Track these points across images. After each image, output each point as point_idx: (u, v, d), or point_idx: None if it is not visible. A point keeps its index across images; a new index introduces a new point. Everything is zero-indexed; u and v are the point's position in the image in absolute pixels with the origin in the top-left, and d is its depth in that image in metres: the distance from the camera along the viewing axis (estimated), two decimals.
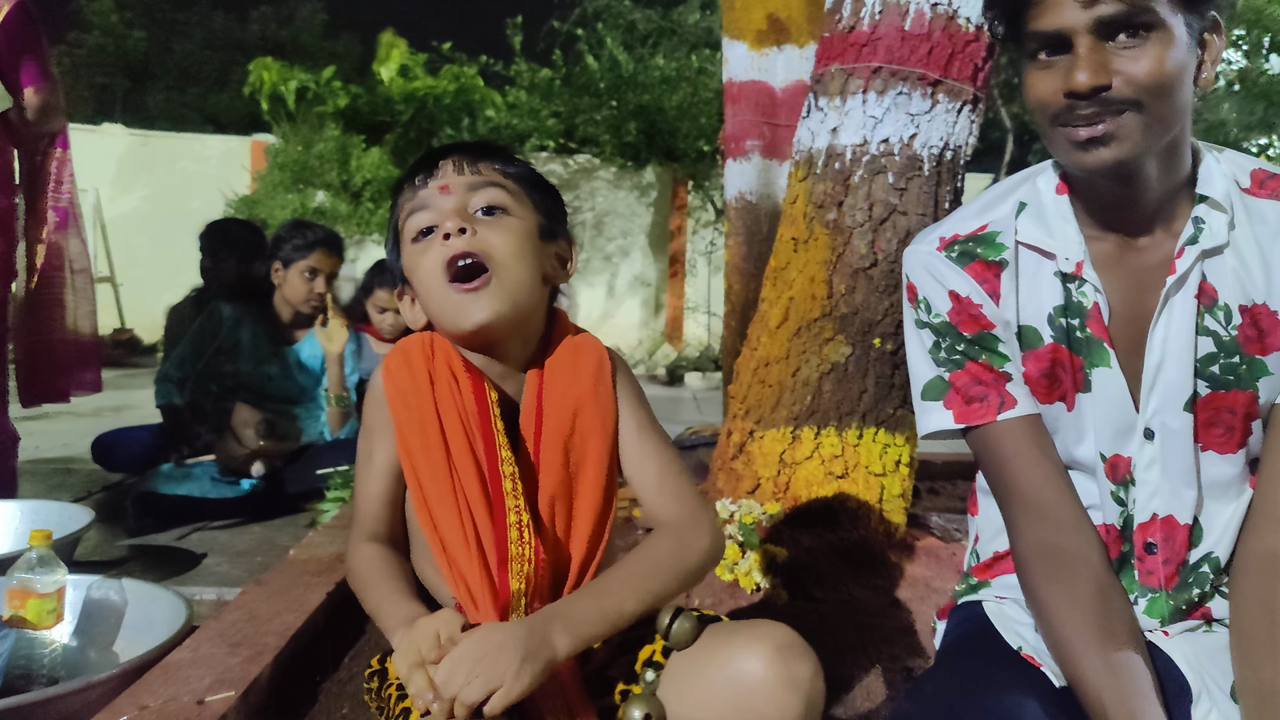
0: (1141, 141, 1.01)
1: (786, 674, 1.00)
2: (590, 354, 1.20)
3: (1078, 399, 1.14)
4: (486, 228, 1.12)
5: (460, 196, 1.13)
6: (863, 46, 2.22)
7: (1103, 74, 0.98)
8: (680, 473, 1.20)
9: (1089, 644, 1.04)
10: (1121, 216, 1.10)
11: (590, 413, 1.17)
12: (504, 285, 1.11)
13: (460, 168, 1.15)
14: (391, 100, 8.55)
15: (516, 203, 1.16)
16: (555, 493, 1.13)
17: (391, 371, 1.16)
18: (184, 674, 1.41)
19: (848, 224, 2.23)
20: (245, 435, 3.04)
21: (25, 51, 2.59)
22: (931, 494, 3.19)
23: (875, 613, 1.98)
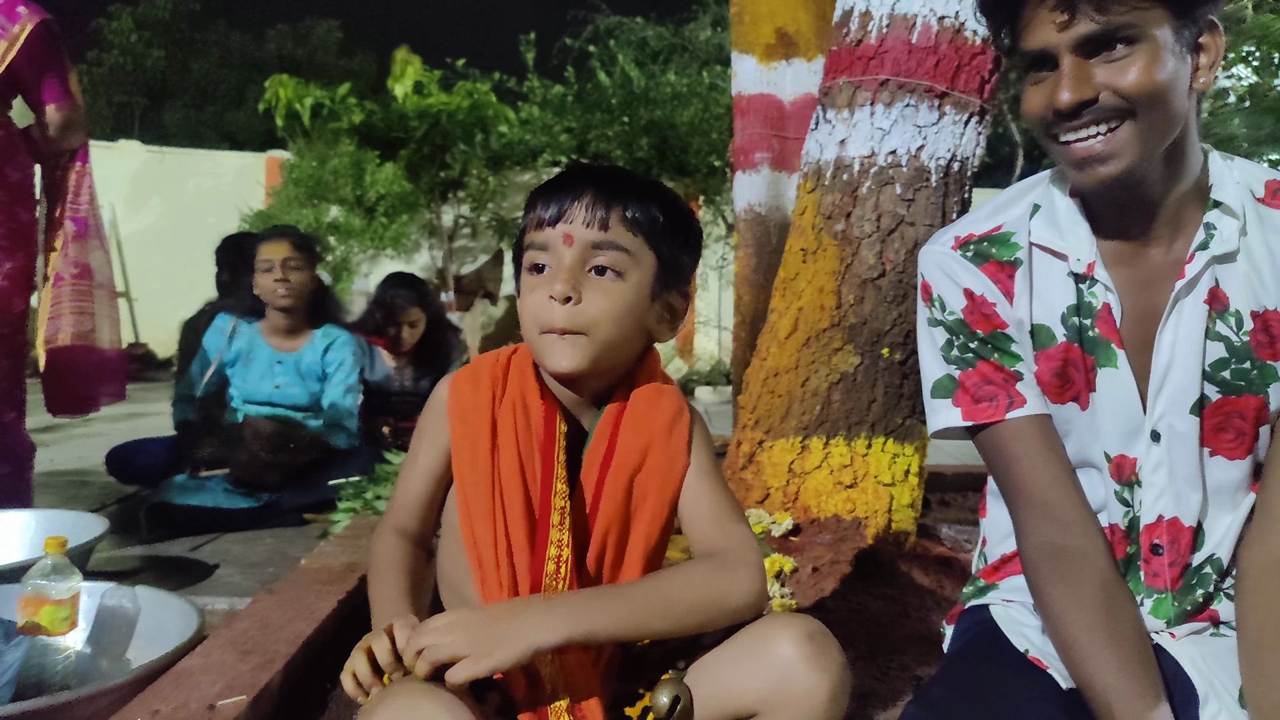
0: (1138, 153, 1.02)
1: (817, 657, 1.02)
2: (671, 400, 1.20)
3: (1091, 399, 1.14)
4: (593, 289, 1.10)
5: (579, 252, 1.10)
6: (870, 59, 2.23)
7: (1085, 89, 1.00)
8: (733, 515, 1.18)
9: (1096, 644, 1.04)
10: (1132, 220, 1.11)
11: (660, 453, 1.16)
12: (593, 344, 1.10)
13: (590, 219, 1.10)
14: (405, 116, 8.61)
15: (635, 262, 1.12)
16: (610, 525, 1.13)
17: (457, 387, 1.17)
18: (195, 680, 1.42)
19: (856, 235, 2.24)
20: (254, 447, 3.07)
21: (48, 69, 2.64)
22: (942, 505, 3.18)
23: (885, 622, 1.98)
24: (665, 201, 1.16)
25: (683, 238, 1.18)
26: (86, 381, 2.81)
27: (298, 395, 3.20)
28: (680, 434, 1.18)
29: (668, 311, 1.19)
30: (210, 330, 3.27)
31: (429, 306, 4.02)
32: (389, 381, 3.95)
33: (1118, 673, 1.02)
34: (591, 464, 1.15)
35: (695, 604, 1.06)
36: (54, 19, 2.66)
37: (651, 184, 1.17)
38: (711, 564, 1.12)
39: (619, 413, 1.17)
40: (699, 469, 1.19)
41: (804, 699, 1.02)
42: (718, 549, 1.14)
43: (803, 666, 1.02)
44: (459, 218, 9.50)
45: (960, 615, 1.31)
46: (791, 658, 1.02)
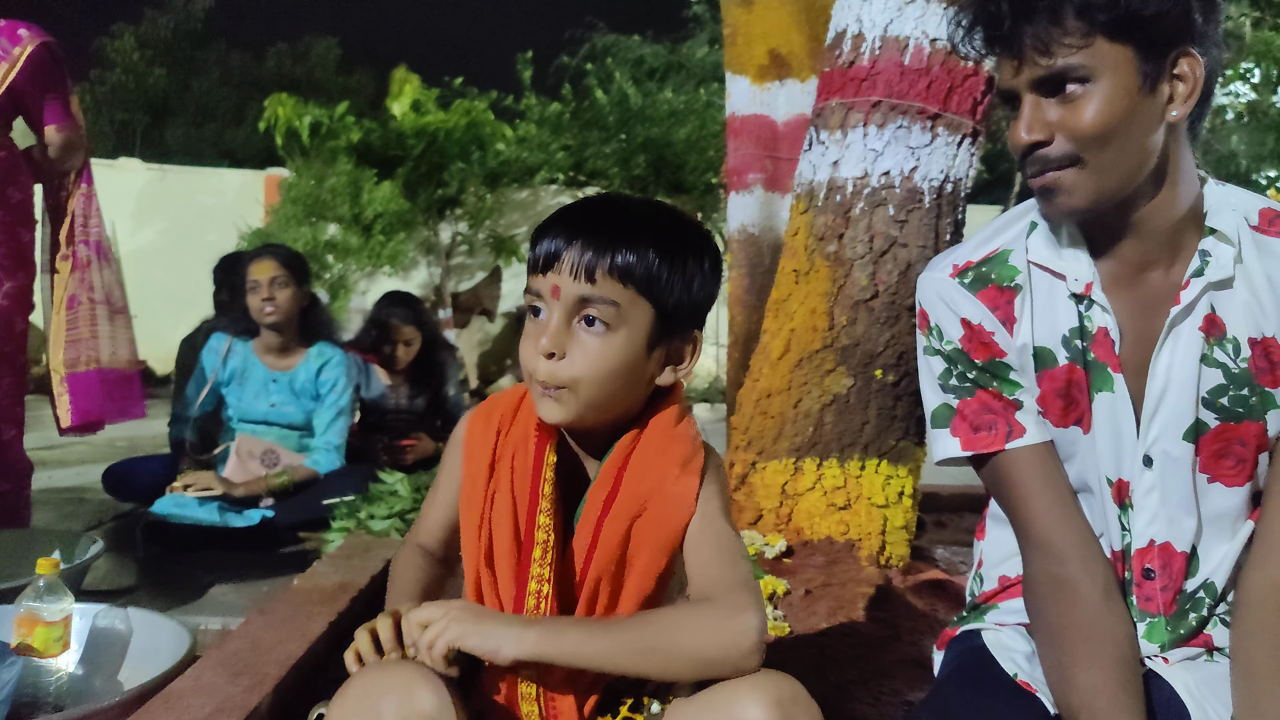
0: (1091, 192, 1.04)
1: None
2: (683, 445, 1.14)
3: (1093, 422, 1.15)
4: (579, 344, 1.06)
5: (567, 304, 1.05)
6: (863, 81, 2.25)
7: (1039, 130, 1.03)
8: (733, 560, 1.10)
9: (1074, 666, 1.06)
10: (1126, 244, 1.11)
11: (664, 500, 1.11)
12: (579, 399, 1.07)
13: (577, 270, 1.04)
14: (403, 135, 8.64)
15: (624, 316, 1.06)
16: (604, 570, 1.10)
17: (473, 421, 1.19)
18: (185, 702, 1.42)
19: (848, 256, 2.25)
20: (250, 466, 3.08)
21: (49, 90, 2.67)
22: (938, 526, 3.18)
23: (877, 645, 1.97)
24: (669, 245, 1.07)
25: (689, 284, 1.09)
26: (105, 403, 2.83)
27: (293, 414, 3.20)
28: (689, 481, 1.12)
29: (673, 357, 1.13)
30: (206, 349, 3.28)
31: (424, 325, 4.02)
32: (384, 400, 3.95)
33: (1092, 693, 1.03)
34: (594, 504, 1.11)
35: (672, 650, 1.02)
36: (56, 41, 2.68)
37: (652, 224, 1.09)
38: (700, 610, 1.06)
39: (627, 454, 1.12)
40: (705, 515, 1.12)
41: None
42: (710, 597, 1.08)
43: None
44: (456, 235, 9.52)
45: (950, 641, 1.30)
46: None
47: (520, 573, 1.09)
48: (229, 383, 3.23)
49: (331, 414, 3.21)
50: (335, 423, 3.21)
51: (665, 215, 1.12)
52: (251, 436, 3.14)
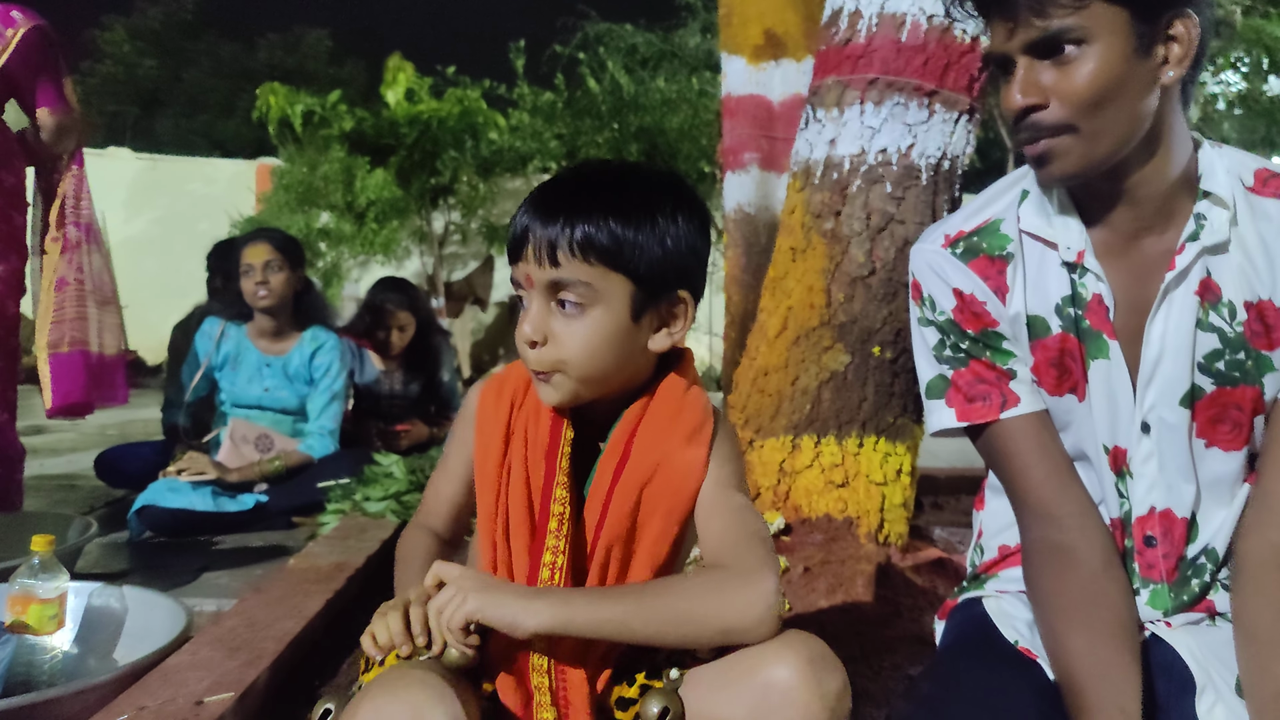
0: (1084, 157, 1.03)
1: (816, 685, 0.97)
2: (694, 411, 1.14)
3: (1088, 390, 1.14)
4: (559, 327, 1.05)
5: (542, 292, 1.05)
6: (859, 58, 2.24)
7: (1034, 94, 1.01)
8: (749, 531, 1.10)
9: (1069, 629, 1.05)
10: (1118, 211, 1.10)
11: (673, 467, 1.11)
12: (570, 379, 1.07)
13: (540, 256, 1.03)
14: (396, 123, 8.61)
15: (598, 292, 1.04)
16: (615, 538, 1.10)
17: (484, 395, 1.18)
18: (182, 677, 1.41)
19: (845, 233, 2.24)
20: (244, 450, 3.06)
21: (42, 73, 2.65)
22: (935, 508, 3.18)
23: (877, 622, 1.97)
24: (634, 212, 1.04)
25: (661, 240, 1.06)
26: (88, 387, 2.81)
27: (287, 399, 3.18)
28: (699, 447, 1.12)
29: (666, 320, 1.11)
30: (199, 334, 3.25)
31: (418, 311, 4.01)
32: (378, 385, 3.94)
33: (1086, 655, 1.03)
34: (604, 474, 1.11)
35: (687, 616, 1.01)
36: (49, 24, 2.66)
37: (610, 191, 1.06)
38: (714, 576, 1.05)
39: (636, 421, 1.12)
40: (716, 482, 1.12)
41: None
42: (725, 565, 1.07)
43: (800, 693, 0.96)
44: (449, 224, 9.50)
45: (952, 611, 1.30)
46: (788, 683, 0.97)
47: (535, 545, 1.09)
48: (222, 367, 3.21)
49: (325, 399, 3.19)
50: (329, 408, 3.19)
51: (627, 178, 1.09)
52: (246, 421, 3.13)
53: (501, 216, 9.68)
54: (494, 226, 9.31)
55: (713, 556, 1.10)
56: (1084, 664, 1.02)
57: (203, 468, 2.90)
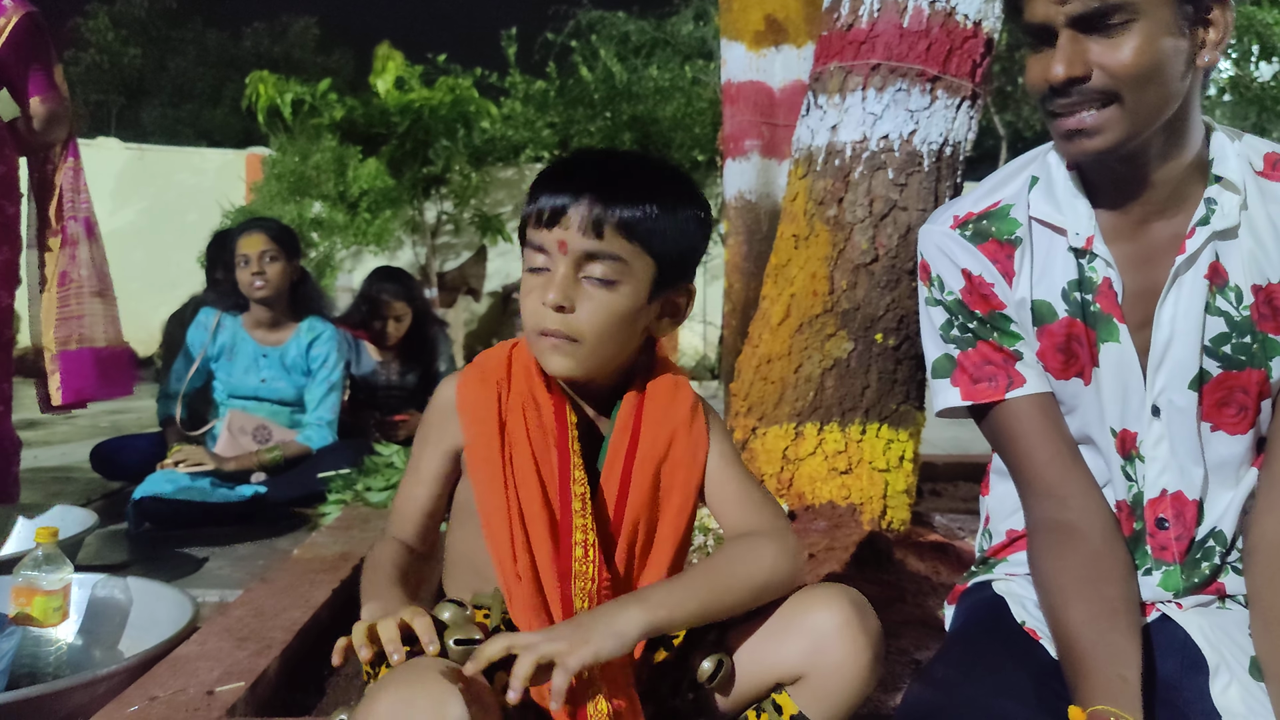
0: (1123, 132, 1.02)
1: (859, 624, 1.07)
2: (687, 391, 1.22)
3: (1095, 374, 1.14)
4: (586, 298, 1.09)
5: (574, 260, 1.08)
6: (861, 44, 2.23)
7: (1078, 66, 1.00)
8: (762, 495, 1.21)
9: (1070, 602, 1.06)
10: (1130, 194, 1.10)
11: (684, 443, 1.18)
12: (583, 351, 1.10)
13: (584, 226, 1.07)
14: (387, 112, 8.55)
15: (629, 270, 1.09)
16: (639, 516, 1.14)
17: (465, 386, 1.17)
18: (192, 667, 1.40)
19: (848, 220, 2.24)
20: (242, 441, 3.05)
21: (33, 61, 2.63)
22: (934, 495, 3.19)
23: (881, 607, 1.95)
24: (667, 198, 1.11)
25: (685, 234, 1.14)
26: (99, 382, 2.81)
27: (284, 389, 3.17)
28: (700, 424, 1.20)
29: (669, 309, 1.18)
30: (194, 325, 3.23)
31: (415, 301, 3.99)
32: (375, 376, 3.93)
33: (1085, 625, 1.03)
34: (615, 455, 1.15)
35: (748, 582, 1.09)
36: (39, 12, 2.63)
37: (653, 179, 1.13)
38: (752, 542, 1.14)
39: (638, 403, 1.18)
40: (721, 456, 1.20)
41: (845, 665, 1.06)
42: (750, 529, 1.16)
43: (845, 634, 1.06)
44: (442, 214, 9.45)
45: (962, 595, 1.31)
46: (834, 626, 1.07)
47: (557, 528, 1.10)
48: (218, 358, 3.19)
49: (323, 389, 3.18)
50: (327, 398, 3.18)
51: (661, 168, 1.18)
52: (243, 412, 3.11)
53: (494, 206, 9.64)
54: (486, 216, 9.27)
55: (732, 524, 1.18)
56: (1084, 634, 1.03)
57: (201, 459, 2.89)
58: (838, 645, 1.06)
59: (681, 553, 1.18)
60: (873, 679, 1.08)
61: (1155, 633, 1.10)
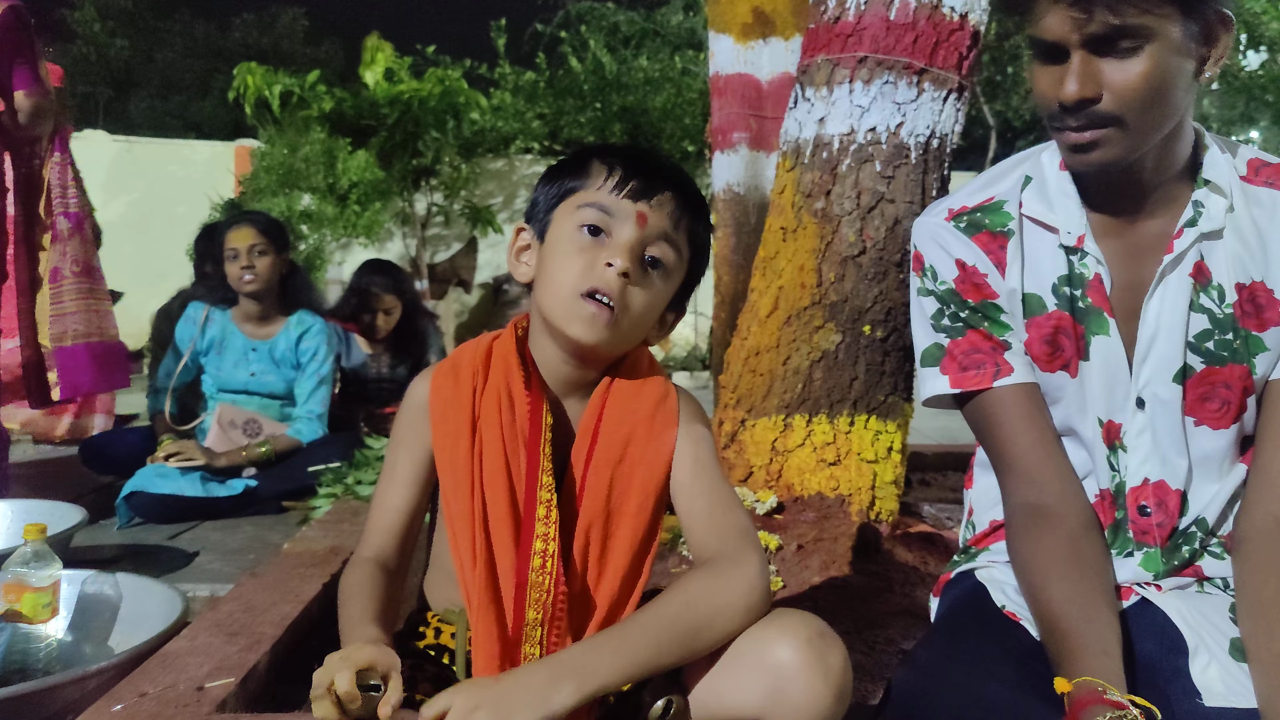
0: (1127, 149, 1.05)
1: (819, 663, 0.98)
2: (654, 388, 1.18)
3: (1081, 366, 1.17)
4: (642, 280, 1.11)
5: (645, 237, 1.10)
6: (848, 37, 2.23)
7: (1090, 87, 1.02)
8: (731, 510, 1.13)
9: (1050, 582, 1.08)
10: (1122, 196, 1.14)
11: (642, 443, 1.14)
12: (617, 332, 1.10)
13: (671, 213, 1.12)
14: (376, 103, 8.51)
15: (677, 268, 1.16)
16: (593, 520, 1.11)
17: (438, 383, 1.14)
18: (183, 662, 1.41)
19: (836, 212, 2.25)
20: (232, 435, 3.04)
21: (17, 55, 2.62)
22: (923, 485, 3.21)
23: (869, 597, 1.99)
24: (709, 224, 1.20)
25: (704, 260, 1.22)
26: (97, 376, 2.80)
27: (273, 383, 3.16)
28: (665, 421, 1.15)
29: (662, 322, 1.21)
30: (183, 319, 3.22)
31: (405, 294, 3.99)
32: (365, 369, 3.92)
33: (1067, 603, 1.06)
34: (577, 458, 1.13)
35: (700, 625, 1.01)
36: (23, 5, 2.62)
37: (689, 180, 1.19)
38: (708, 575, 1.06)
39: (601, 404, 1.15)
40: (695, 461, 1.15)
41: (804, 708, 0.97)
42: (714, 552, 1.09)
43: (804, 674, 0.98)
44: (432, 206, 9.42)
45: (946, 585, 1.33)
46: (792, 664, 0.98)
47: (521, 535, 1.07)
48: (207, 352, 3.19)
49: (313, 383, 3.17)
50: (317, 391, 3.18)
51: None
52: (233, 406, 3.11)
53: (484, 198, 9.61)
54: (477, 208, 9.24)
55: (697, 540, 1.12)
56: (1066, 611, 1.05)
57: (192, 453, 2.88)
58: (798, 686, 0.97)
59: (640, 557, 1.13)
60: (838, 716, 1.00)
61: (1134, 616, 1.13)
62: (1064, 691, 0.98)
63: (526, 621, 1.05)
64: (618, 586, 1.11)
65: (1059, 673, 1.01)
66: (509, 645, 1.06)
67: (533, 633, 1.06)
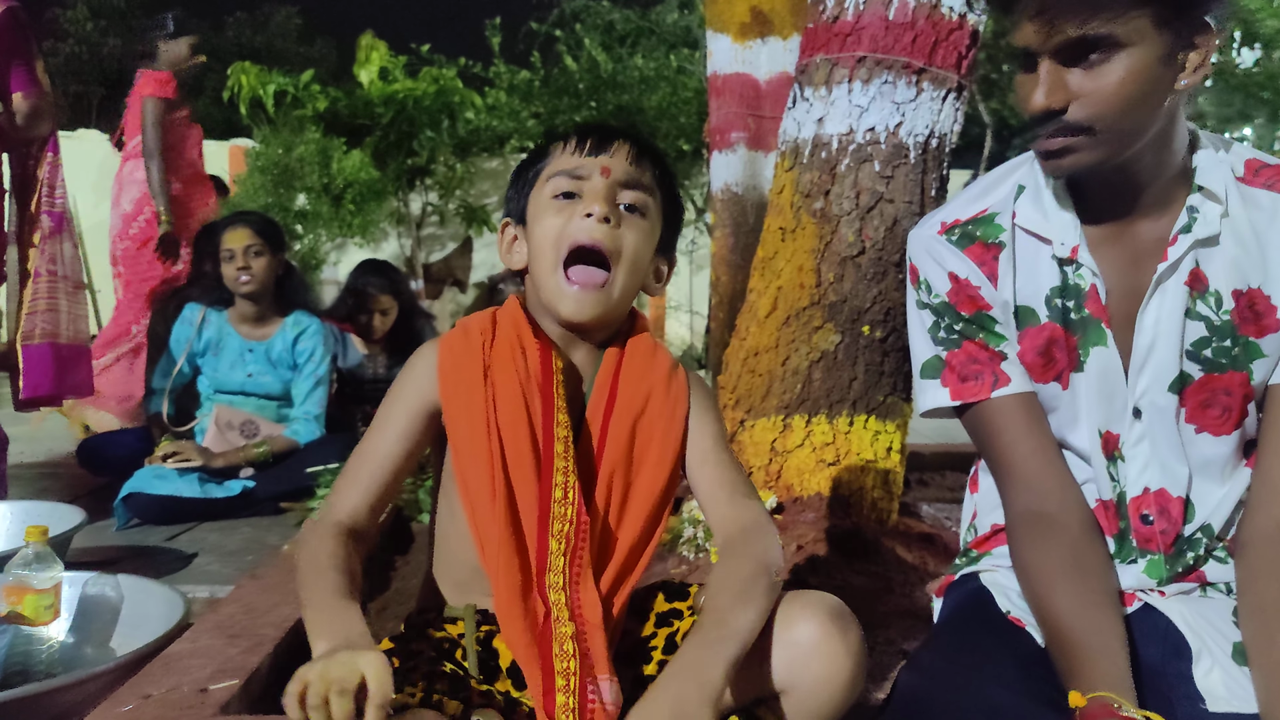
0: (1095, 157, 1.05)
1: (841, 637, 1.05)
2: (666, 355, 1.25)
3: (1072, 379, 1.17)
4: (625, 223, 1.17)
5: (615, 184, 1.16)
6: (847, 36, 2.24)
7: (1057, 97, 1.02)
8: (749, 486, 1.23)
9: (1056, 591, 1.08)
10: (1117, 201, 1.13)
11: (662, 400, 1.20)
12: (614, 287, 1.16)
13: (630, 159, 1.18)
14: (371, 103, 8.50)
15: (655, 209, 1.21)
16: (615, 468, 1.16)
17: (448, 342, 1.18)
18: (185, 664, 1.41)
19: (835, 212, 2.25)
20: (229, 436, 3.04)
21: (14, 56, 2.60)
22: (921, 485, 3.21)
23: (869, 598, 1.99)
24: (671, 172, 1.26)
25: (679, 207, 1.28)
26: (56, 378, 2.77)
27: (270, 384, 3.16)
28: (679, 386, 1.22)
29: (658, 271, 1.26)
30: (179, 321, 3.22)
31: (401, 294, 3.98)
32: (362, 369, 3.92)
33: (1075, 615, 1.06)
34: (596, 408, 1.18)
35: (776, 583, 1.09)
36: (20, 6, 2.60)
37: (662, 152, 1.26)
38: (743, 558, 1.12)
39: (618, 360, 1.21)
40: (713, 434, 1.22)
41: (827, 679, 1.04)
42: (738, 527, 1.16)
43: (825, 647, 1.04)
44: (427, 205, 9.42)
45: (949, 586, 1.33)
46: (814, 638, 1.04)
47: (542, 470, 1.11)
48: (204, 353, 3.18)
49: (310, 384, 3.17)
50: (314, 392, 3.18)
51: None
52: (230, 407, 3.10)
53: (479, 197, 9.60)
54: (472, 208, 9.23)
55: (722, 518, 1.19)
56: (1074, 623, 1.05)
57: (189, 454, 2.88)
58: (818, 659, 1.04)
59: (660, 507, 1.18)
60: (855, 692, 1.06)
61: (1137, 622, 1.12)
62: (1077, 706, 0.98)
63: (550, 550, 1.08)
64: (639, 532, 1.15)
65: (1068, 683, 1.02)
66: (530, 576, 1.08)
67: (556, 562, 1.08)
